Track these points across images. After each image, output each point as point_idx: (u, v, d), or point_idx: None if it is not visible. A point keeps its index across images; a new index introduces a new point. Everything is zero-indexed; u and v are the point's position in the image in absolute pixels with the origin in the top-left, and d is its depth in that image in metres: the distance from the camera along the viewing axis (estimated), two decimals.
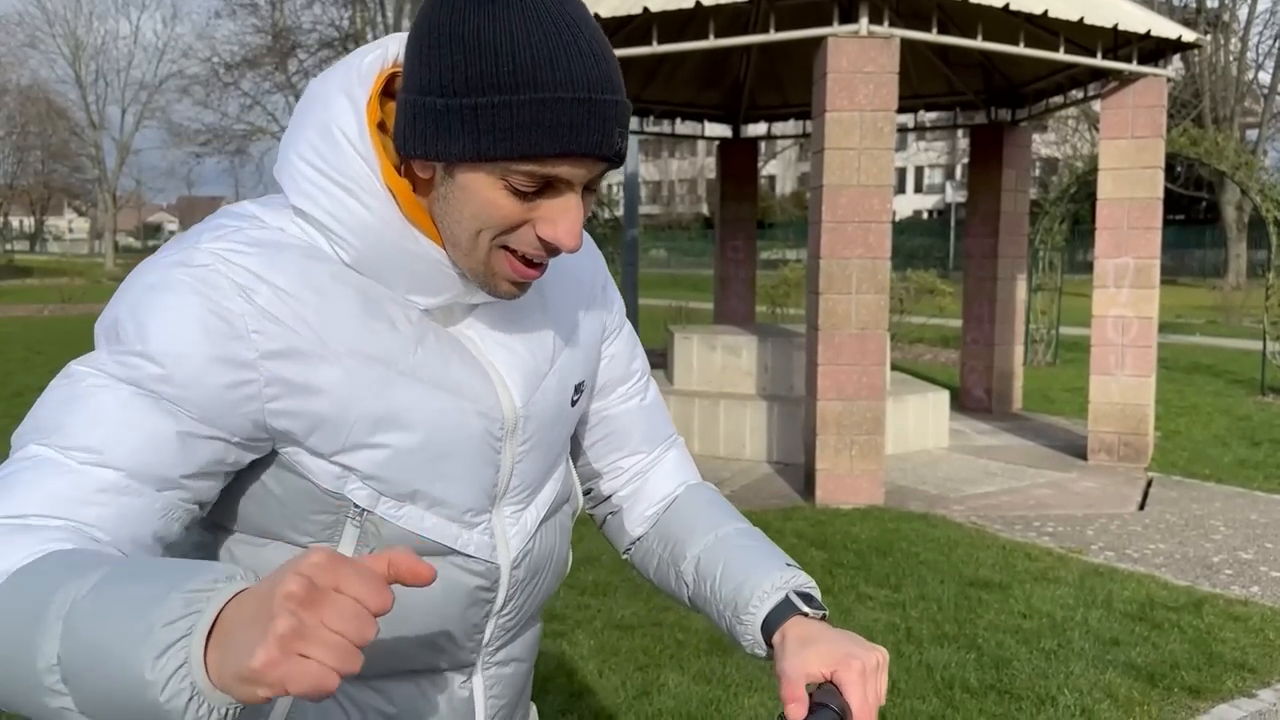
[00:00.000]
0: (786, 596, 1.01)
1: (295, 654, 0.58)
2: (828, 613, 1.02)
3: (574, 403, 1.06)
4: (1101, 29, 6.40)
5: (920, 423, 7.63)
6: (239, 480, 0.89)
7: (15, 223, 65.47)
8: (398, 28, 27.79)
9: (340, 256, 0.89)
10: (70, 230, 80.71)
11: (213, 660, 0.61)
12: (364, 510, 0.90)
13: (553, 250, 0.87)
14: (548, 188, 0.84)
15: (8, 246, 56.07)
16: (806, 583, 1.03)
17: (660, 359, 9.20)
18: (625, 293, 11.15)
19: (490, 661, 1.05)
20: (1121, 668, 3.65)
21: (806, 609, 0.99)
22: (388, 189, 0.87)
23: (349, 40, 27.82)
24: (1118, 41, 6.72)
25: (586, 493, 1.22)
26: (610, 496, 1.21)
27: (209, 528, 0.94)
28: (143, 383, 0.81)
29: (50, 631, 0.65)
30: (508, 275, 0.89)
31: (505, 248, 0.87)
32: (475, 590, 0.98)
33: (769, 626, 1.00)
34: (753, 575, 1.03)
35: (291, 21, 27.68)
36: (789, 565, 1.05)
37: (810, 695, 0.92)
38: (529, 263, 0.88)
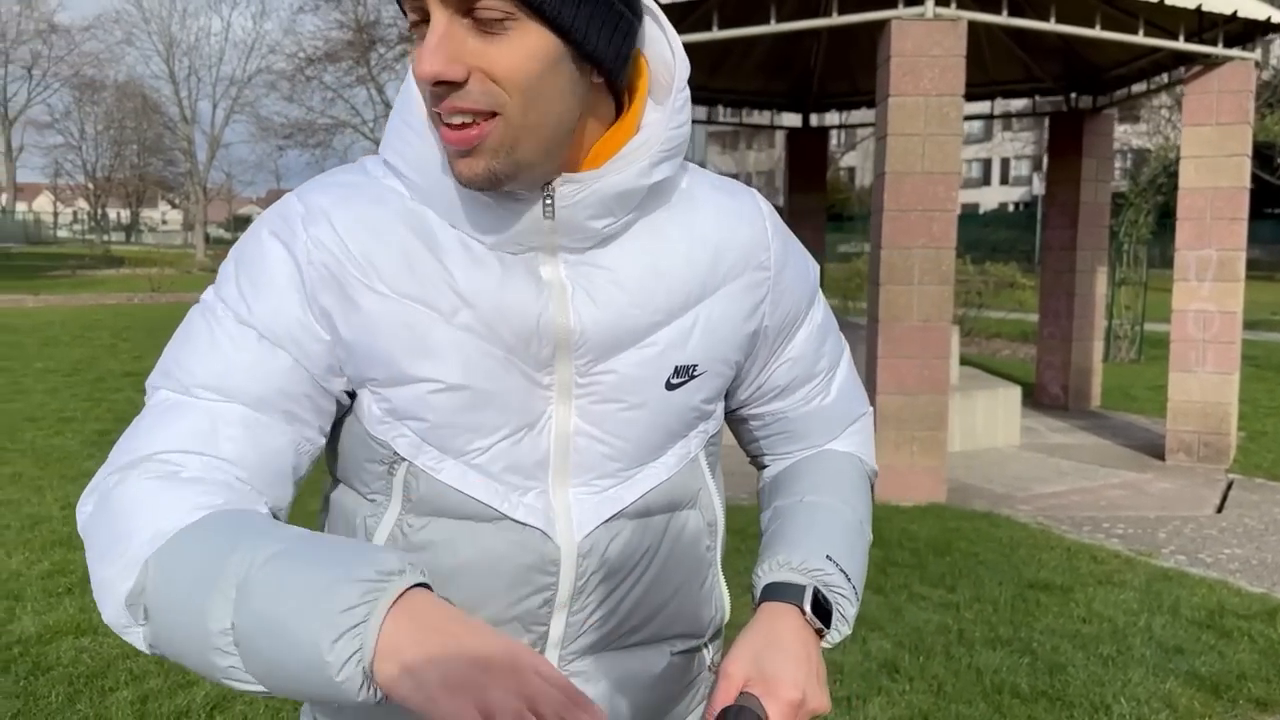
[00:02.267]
0: (798, 584, 0.93)
1: None
2: (826, 632, 0.93)
3: (671, 386, 0.92)
4: (1184, 10, 6.12)
5: (990, 419, 7.42)
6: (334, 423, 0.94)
7: (112, 214, 68.05)
8: None
9: (406, 195, 0.89)
10: (164, 222, 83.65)
11: (386, 648, 0.67)
12: (407, 462, 0.89)
13: (438, 95, 0.78)
14: (426, 21, 0.79)
15: (105, 237, 58.31)
16: (834, 585, 0.94)
17: None
18: None
19: (568, 671, 0.94)
20: (1184, 677, 3.48)
21: (805, 608, 0.91)
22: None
23: None
24: (1202, 24, 6.42)
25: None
26: (766, 467, 1.16)
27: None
28: (243, 318, 0.86)
29: (225, 596, 0.71)
30: (447, 150, 0.82)
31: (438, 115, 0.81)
32: (529, 568, 0.90)
33: (764, 597, 0.94)
34: (789, 543, 0.97)
35: (373, 16, 28.19)
36: (829, 559, 0.95)
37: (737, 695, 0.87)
38: (444, 122, 0.80)
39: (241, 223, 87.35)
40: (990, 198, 55.03)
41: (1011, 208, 54.82)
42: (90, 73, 54.82)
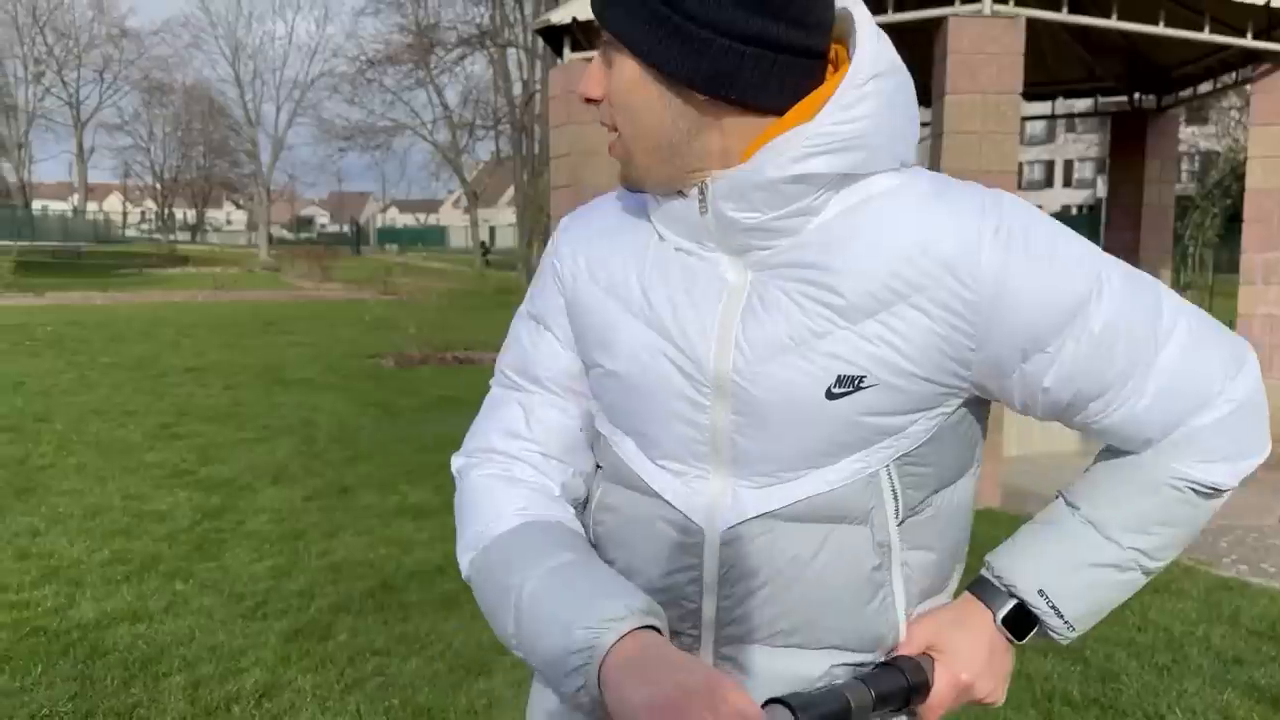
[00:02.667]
0: (1002, 595, 1.01)
1: None
2: (1012, 642, 1.02)
3: (832, 395, 0.92)
4: (1253, 7, 5.95)
5: (1047, 423, 7.26)
6: None
7: (179, 214, 69.75)
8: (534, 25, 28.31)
9: (647, 207, 1.03)
10: (229, 222, 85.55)
11: (606, 679, 0.86)
12: (603, 435, 1.05)
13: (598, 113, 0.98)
14: None
15: (171, 237, 59.78)
16: (1040, 611, 1.00)
17: None
18: None
19: (722, 655, 0.98)
20: (1242, 688, 3.38)
21: (998, 618, 1.00)
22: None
23: (486, 37, 28.48)
24: (1271, 21, 6.23)
25: None
26: None
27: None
28: (531, 313, 1.10)
29: (508, 608, 0.97)
30: None
31: None
32: (676, 547, 0.98)
33: (973, 585, 1.03)
34: (1021, 552, 1.02)
35: (432, 19, 28.55)
36: (1041, 595, 1.00)
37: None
38: None
39: (303, 223, 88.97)
40: (1053, 200, 54.01)
41: (1075, 210, 53.75)
42: (159, 76, 56.35)
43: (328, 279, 28.62)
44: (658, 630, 0.89)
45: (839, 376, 0.92)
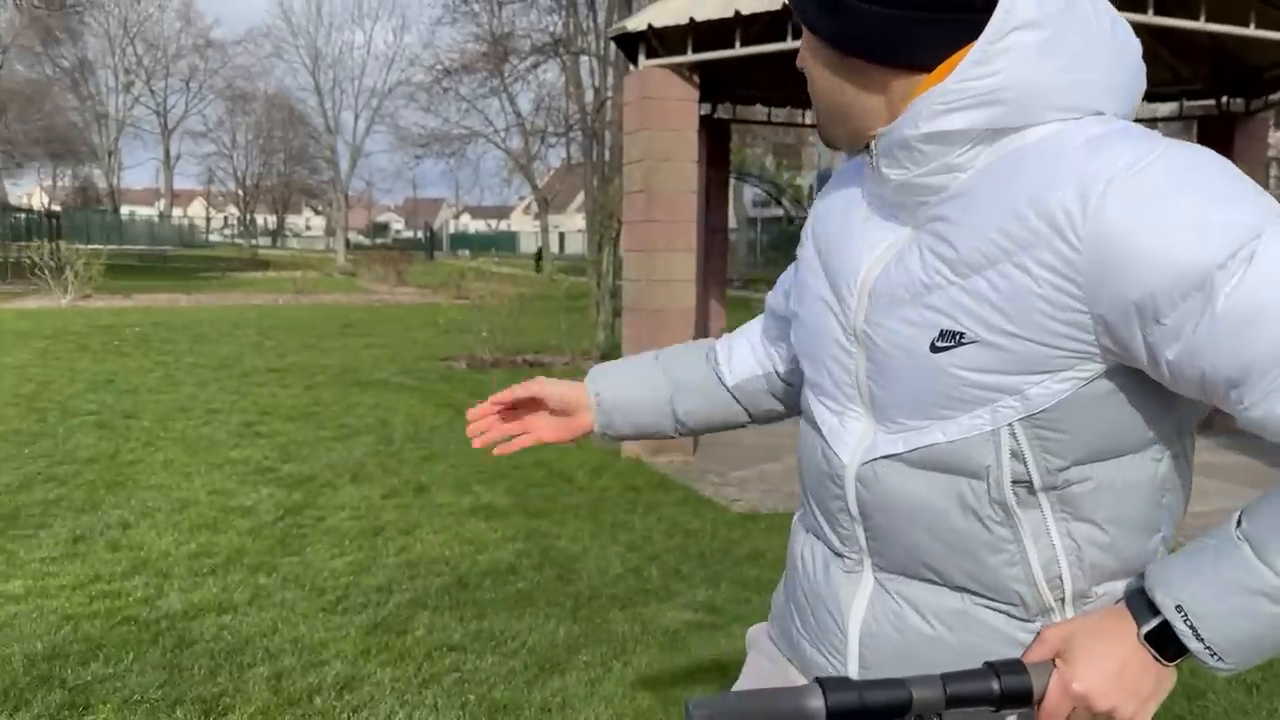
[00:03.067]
0: (1148, 608, 0.93)
1: None
2: (1164, 663, 0.93)
3: (935, 348, 0.95)
4: None
5: None
6: None
7: (260, 220, 71.63)
8: (607, 32, 28.45)
9: None
10: (308, 228, 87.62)
11: None
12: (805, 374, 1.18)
13: None
14: None
15: (253, 241, 61.46)
16: (1183, 635, 0.90)
17: None
18: None
19: (879, 581, 1.07)
20: None
21: (1141, 632, 0.92)
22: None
23: (559, 45, 28.73)
24: None
25: None
26: None
27: None
28: (796, 258, 1.23)
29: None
30: None
31: None
32: (825, 474, 1.09)
33: (1125, 593, 0.98)
34: (1176, 567, 0.93)
35: (507, 28, 28.91)
36: (1179, 611, 0.90)
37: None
38: None
39: (379, 229, 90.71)
40: None
41: None
42: (242, 85, 58.07)
43: (402, 283, 29.14)
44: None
45: (941, 331, 0.95)
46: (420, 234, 71.71)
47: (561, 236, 60.62)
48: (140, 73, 59.56)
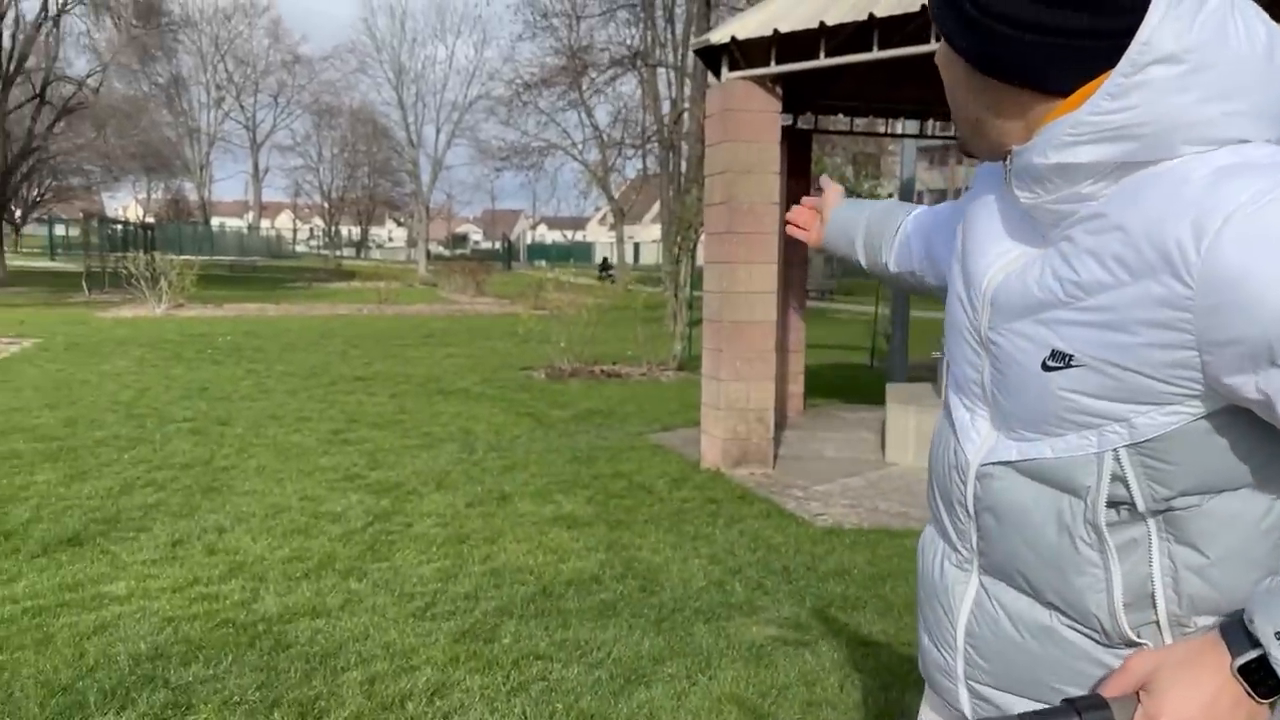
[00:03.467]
0: (1244, 640, 0.87)
1: None
2: (1260, 701, 0.86)
3: (1046, 367, 0.97)
4: None
5: None
6: None
7: (344, 231, 73.39)
8: (685, 45, 28.55)
9: None
10: (390, 239, 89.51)
11: None
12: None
13: None
14: None
15: (337, 253, 62.99)
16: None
17: (932, 372, 8.85)
18: (895, 304, 10.81)
19: (982, 583, 1.10)
20: None
21: (1235, 665, 0.86)
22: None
23: (637, 58, 28.90)
24: None
25: None
26: None
27: None
28: (958, 207, 1.31)
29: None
30: None
31: None
32: (952, 467, 1.12)
33: (1221, 623, 0.91)
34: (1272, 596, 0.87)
35: (585, 41, 29.20)
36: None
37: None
38: None
39: (459, 240, 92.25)
40: None
41: None
42: (328, 100, 59.70)
43: (481, 293, 29.57)
44: None
45: (1053, 350, 0.96)
46: (498, 245, 72.71)
47: (636, 247, 60.89)
48: (231, 89, 61.71)
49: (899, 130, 10.44)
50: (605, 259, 47.76)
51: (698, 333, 13.55)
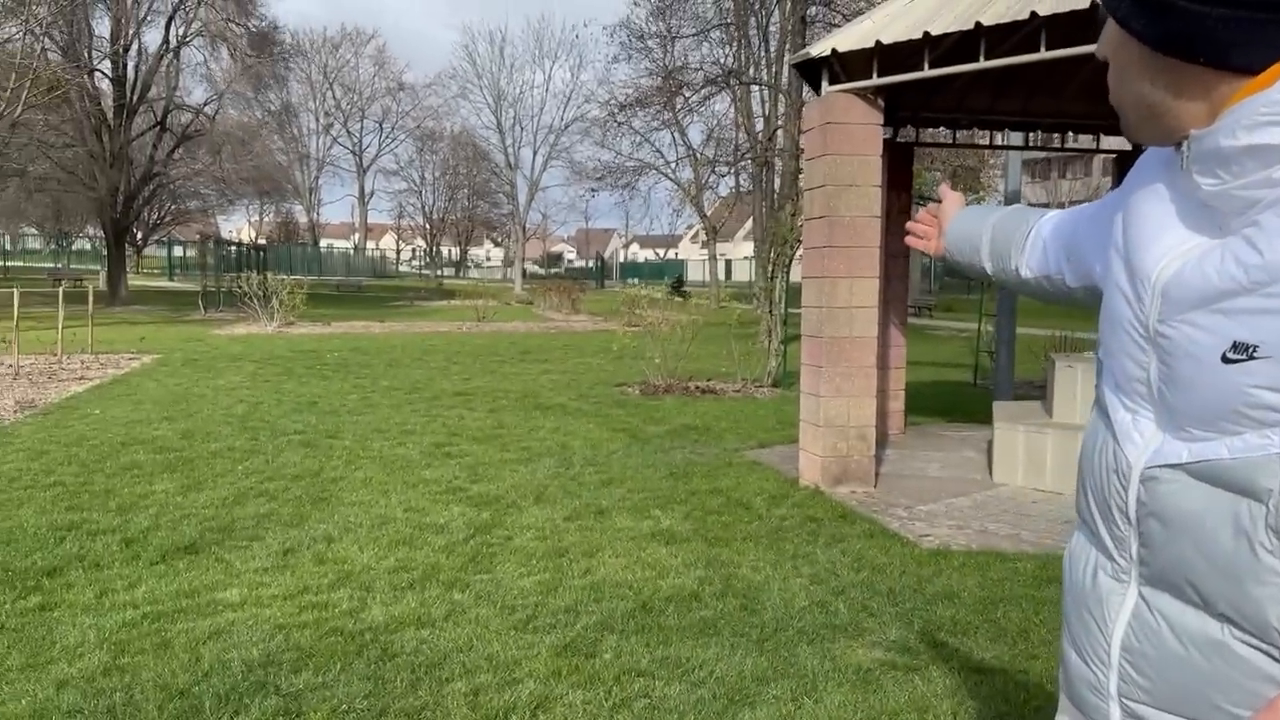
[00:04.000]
0: None
1: None
2: None
3: (1226, 359, 0.93)
4: None
5: None
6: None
7: (445, 252, 75.14)
8: (779, 63, 28.47)
9: None
10: (487, 258, 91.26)
11: None
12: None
13: None
14: None
15: (438, 272, 64.49)
16: None
17: (1039, 390, 8.57)
18: (1001, 319, 10.51)
19: (1142, 595, 1.03)
20: None
21: None
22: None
23: (730, 76, 28.92)
24: None
25: None
26: None
27: None
28: (1114, 201, 1.25)
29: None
30: None
31: None
32: (1111, 471, 1.06)
33: None
34: None
35: (679, 61, 29.36)
36: None
37: None
38: None
39: (553, 259, 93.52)
40: None
41: None
42: (430, 125, 61.30)
43: (575, 311, 29.88)
44: None
45: (1235, 342, 0.90)
46: (591, 263, 73.42)
47: (728, 264, 60.73)
48: (338, 115, 63.95)
49: (1000, 142, 10.19)
50: (679, 277, 48.18)
51: (792, 349, 13.42)
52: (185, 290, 36.51)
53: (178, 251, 50.70)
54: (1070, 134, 10.19)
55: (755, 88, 30.60)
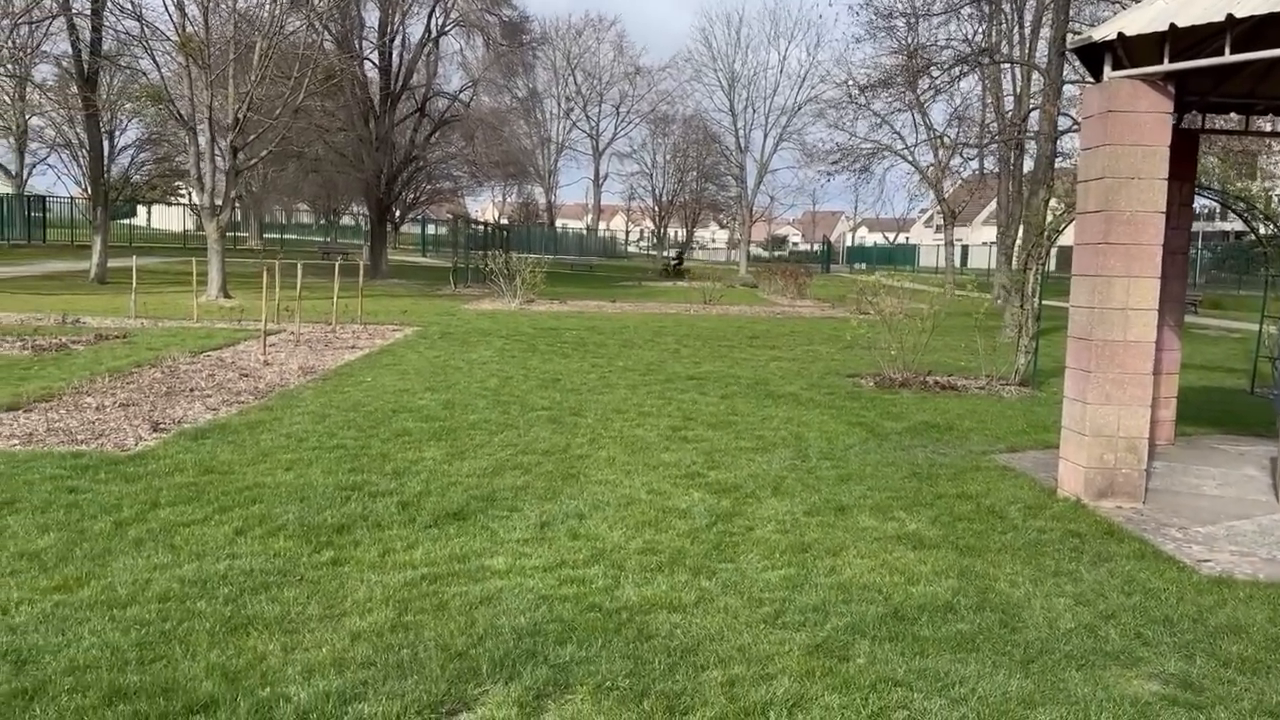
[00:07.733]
0: None
1: None
2: None
3: None
4: None
5: None
6: None
7: (671, 233, 76.16)
8: (1033, 40, 26.82)
9: None
10: (713, 240, 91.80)
11: None
12: None
13: None
14: None
15: (665, 253, 65.47)
16: None
17: None
18: None
19: None
20: None
21: None
22: None
23: (982, 55, 27.52)
24: None
25: None
26: None
27: None
28: None
29: None
30: None
31: None
32: None
33: None
34: None
35: (926, 39, 28.22)
36: None
37: None
38: None
39: (778, 242, 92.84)
40: None
41: None
42: (664, 108, 62.18)
43: (801, 296, 29.53)
44: None
45: None
46: (817, 247, 72.27)
47: (965, 250, 58.06)
48: (578, 100, 66.07)
49: None
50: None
51: (1043, 346, 12.67)
52: (437, 266, 38.95)
53: (430, 230, 54.20)
54: None
55: (1005, 67, 29.01)
